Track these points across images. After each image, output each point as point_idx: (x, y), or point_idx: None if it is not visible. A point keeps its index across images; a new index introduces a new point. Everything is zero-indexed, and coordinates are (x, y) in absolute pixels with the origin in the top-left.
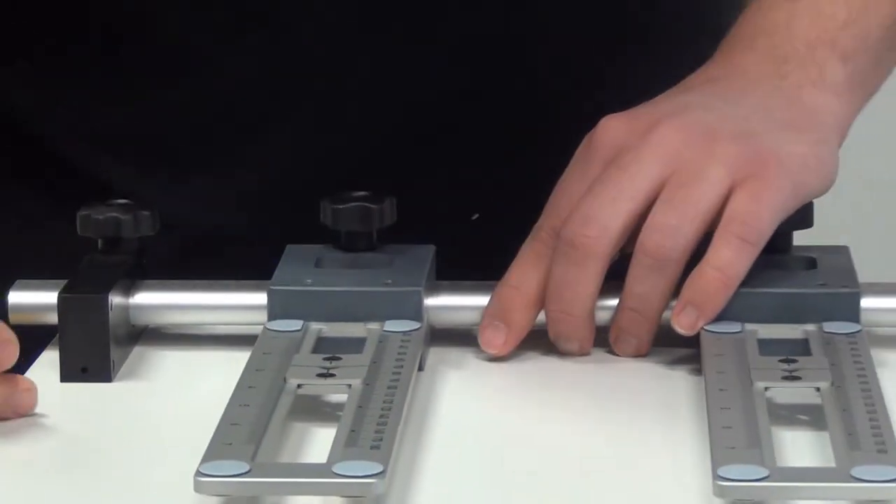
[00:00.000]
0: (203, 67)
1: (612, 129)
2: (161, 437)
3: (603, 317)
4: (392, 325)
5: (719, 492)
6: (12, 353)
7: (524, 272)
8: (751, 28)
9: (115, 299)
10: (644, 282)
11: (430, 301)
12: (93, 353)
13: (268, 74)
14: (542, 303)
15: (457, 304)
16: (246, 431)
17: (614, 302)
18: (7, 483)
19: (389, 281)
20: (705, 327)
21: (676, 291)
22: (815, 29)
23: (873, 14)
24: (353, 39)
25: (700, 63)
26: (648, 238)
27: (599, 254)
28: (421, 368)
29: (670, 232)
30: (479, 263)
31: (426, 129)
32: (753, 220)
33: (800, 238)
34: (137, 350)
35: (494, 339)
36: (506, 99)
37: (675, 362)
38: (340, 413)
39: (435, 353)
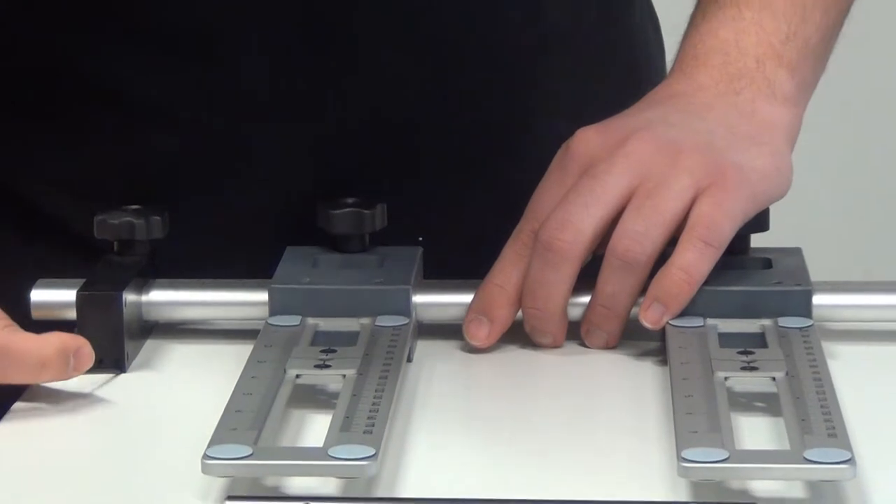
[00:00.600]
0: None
1: (586, 140)
2: (171, 422)
3: (575, 313)
4: (383, 321)
5: (683, 472)
6: (89, 354)
7: (506, 271)
8: (704, 47)
9: (129, 296)
10: (614, 282)
11: (418, 298)
12: (108, 345)
13: (235, 112)
14: (521, 299)
15: (442, 301)
16: (249, 418)
17: (586, 299)
18: (30, 461)
19: (380, 280)
20: (670, 322)
21: (644, 288)
22: (761, 45)
23: (810, 24)
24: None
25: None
26: (619, 242)
27: (573, 256)
28: (409, 360)
29: (638, 237)
30: (462, 262)
31: (408, 143)
32: (715, 226)
33: (757, 241)
34: (150, 343)
35: (479, 333)
36: (480, 112)
37: (642, 354)
38: (336, 401)
39: (422, 346)
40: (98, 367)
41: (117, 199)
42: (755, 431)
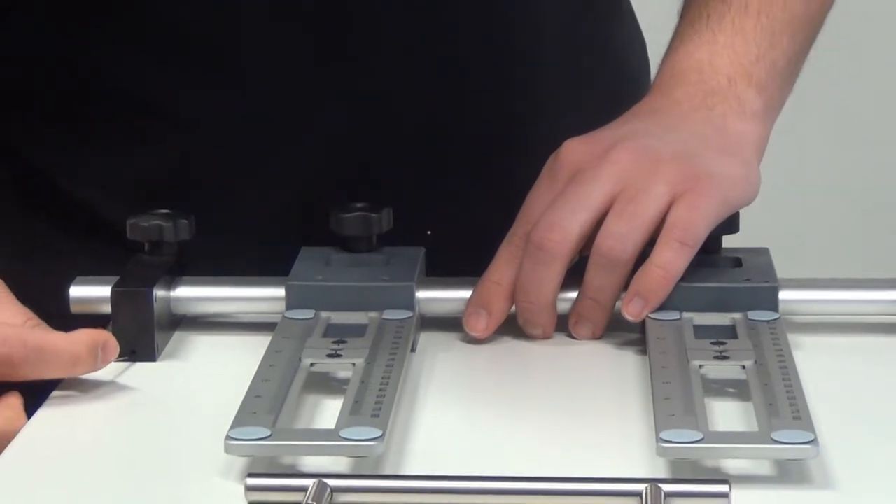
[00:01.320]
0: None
1: (573, 150)
2: (196, 406)
3: (563, 307)
4: (389, 314)
5: (662, 452)
6: (114, 346)
7: (501, 269)
8: (681, 67)
9: (159, 292)
10: (600, 277)
11: (421, 294)
12: (140, 337)
13: (255, 121)
14: (515, 295)
15: (443, 297)
16: (267, 402)
17: (572, 295)
18: (69, 442)
19: (386, 277)
20: (650, 315)
21: (626, 284)
22: (733, 65)
23: (777, 49)
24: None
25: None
26: (603, 242)
27: (561, 255)
28: (413, 350)
29: (621, 238)
30: (462, 260)
31: (410, 146)
32: (690, 227)
33: (728, 241)
34: (177, 335)
35: (478, 325)
36: (479, 123)
37: (624, 344)
38: (346, 387)
39: (425, 337)
40: (131, 357)
41: (150, 200)
42: (726, 414)
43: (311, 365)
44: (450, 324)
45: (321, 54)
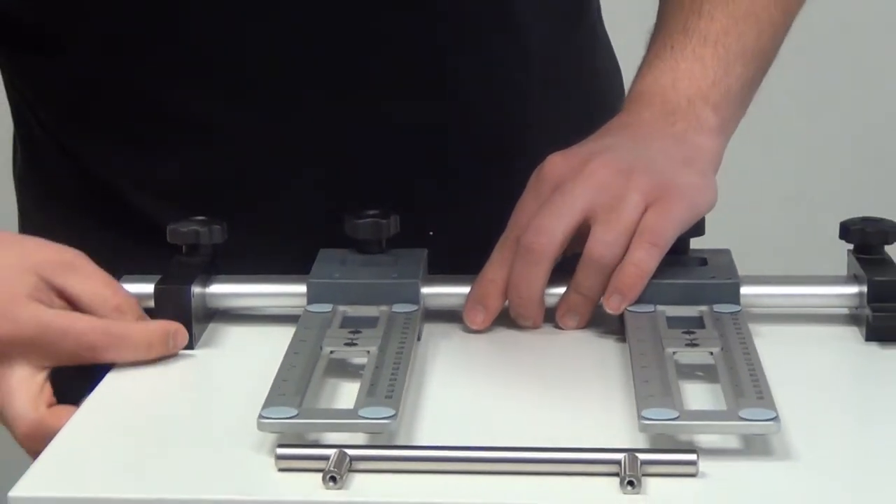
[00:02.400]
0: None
1: (555, 164)
2: (230, 389)
3: (550, 301)
4: (398, 308)
5: (643, 428)
6: (184, 335)
7: (495, 269)
8: (648, 90)
9: (196, 289)
10: (591, 278)
11: (425, 290)
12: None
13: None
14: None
15: (444, 292)
16: (294, 385)
17: (558, 290)
18: (118, 420)
19: (395, 275)
20: (628, 308)
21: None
22: (692, 88)
23: (732, 75)
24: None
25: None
26: (594, 249)
27: (548, 256)
28: (419, 339)
29: (609, 245)
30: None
31: (416, 164)
32: (660, 230)
33: (695, 243)
34: (212, 326)
35: (476, 318)
36: (480, 136)
37: (605, 334)
38: (362, 371)
39: (429, 328)
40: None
41: (196, 204)
42: (697, 395)
43: (331, 352)
44: (451, 316)
45: (337, 96)
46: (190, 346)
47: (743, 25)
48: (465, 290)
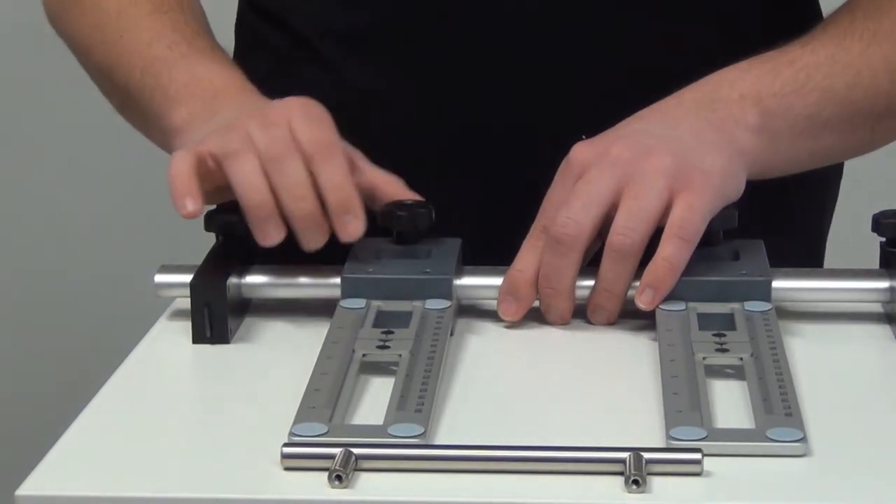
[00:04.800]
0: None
1: (581, 151)
2: (265, 383)
3: (580, 294)
4: (431, 304)
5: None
6: (358, 227)
7: (524, 260)
8: (708, 79)
9: (231, 280)
10: (613, 269)
11: (458, 282)
12: (215, 323)
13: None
14: (538, 283)
15: (477, 284)
16: (325, 397)
17: (588, 283)
18: (125, 418)
19: (428, 270)
20: (660, 306)
21: (637, 277)
22: (750, 88)
23: (800, 98)
24: None
25: None
26: (615, 237)
27: (577, 246)
28: (452, 334)
29: (630, 232)
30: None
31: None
32: (689, 224)
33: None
34: (248, 320)
35: (509, 310)
36: (513, 134)
37: (636, 329)
38: (395, 367)
39: (461, 323)
40: (207, 339)
41: None
42: (725, 397)
43: (363, 356)
44: (483, 312)
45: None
46: (225, 340)
47: (840, 69)
48: (497, 280)
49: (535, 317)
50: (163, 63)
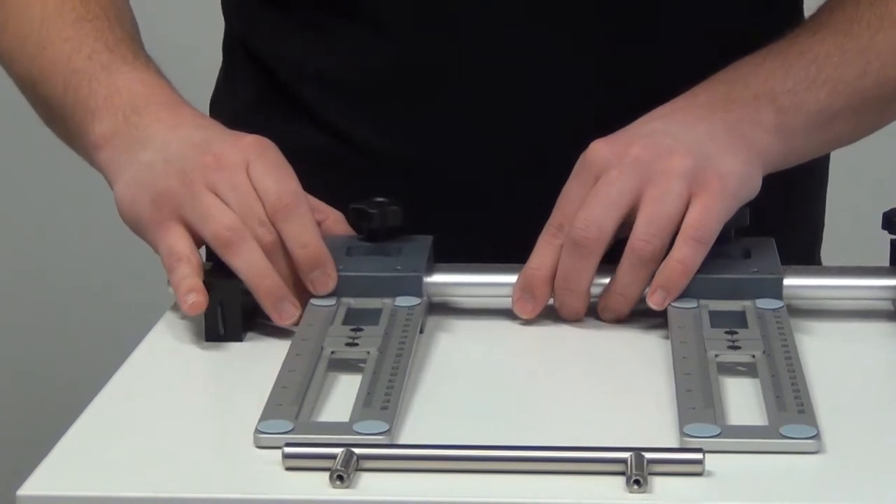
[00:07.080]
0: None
1: (598, 149)
2: (266, 383)
3: (593, 291)
4: (400, 301)
5: (684, 444)
6: (328, 283)
7: (540, 257)
8: (719, 76)
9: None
10: (631, 273)
11: (428, 279)
12: (228, 322)
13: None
14: (553, 280)
15: (448, 281)
16: (292, 394)
17: (603, 280)
18: (127, 418)
19: (399, 267)
20: (672, 304)
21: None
22: (763, 85)
23: (812, 93)
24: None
25: None
26: (636, 243)
27: (598, 249)
28: (422, 331)
29: (651, 238)
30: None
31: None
32: (703, 227)
33: None
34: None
35: (525, 307)
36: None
37: (648, 328)
38: (363, 365)
39: (433, 320)
40: (220, 338)
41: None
42: (738, 394)
43: (332, 353)
44: (454, 307)
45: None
46: (238, 338)
47: (850, 59)
48: (471, 278)
49: (541, 315)
50: (82, 75)
